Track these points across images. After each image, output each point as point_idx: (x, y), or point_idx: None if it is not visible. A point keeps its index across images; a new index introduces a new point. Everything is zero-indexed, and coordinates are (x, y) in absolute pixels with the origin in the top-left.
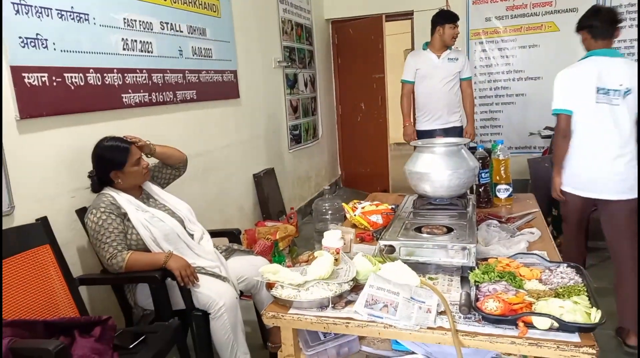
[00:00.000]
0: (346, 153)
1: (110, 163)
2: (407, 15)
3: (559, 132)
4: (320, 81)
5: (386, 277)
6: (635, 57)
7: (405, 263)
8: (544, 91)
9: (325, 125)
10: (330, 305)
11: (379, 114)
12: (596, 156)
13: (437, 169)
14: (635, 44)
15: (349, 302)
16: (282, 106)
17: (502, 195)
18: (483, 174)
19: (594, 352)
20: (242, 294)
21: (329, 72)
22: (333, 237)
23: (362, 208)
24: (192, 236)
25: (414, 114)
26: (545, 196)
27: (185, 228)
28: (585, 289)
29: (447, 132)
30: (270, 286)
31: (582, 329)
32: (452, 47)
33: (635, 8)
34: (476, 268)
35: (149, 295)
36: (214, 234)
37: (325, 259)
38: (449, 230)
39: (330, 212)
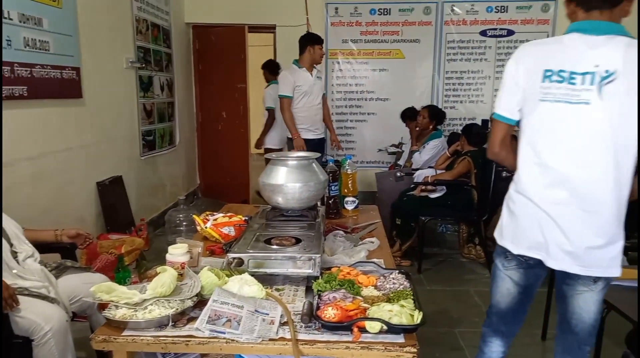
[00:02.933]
0: (206, 161)
1: None
2: (270, 28)
3: None
4: (179, 85)
5: (232, 291)
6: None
7: (253, 275)
8: (392, 111)
9: (184, 132)
10: (171, 324)
11: (241, 124)
12: None
13: (289, 182)
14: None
15: (192, 319)
16: (134, 110)
17: (350, 207)
18: (333, 187)
19: (415, 350)
20: (75, 316)
21: (189, 78)
22: (178, 251)
23: (215, 219)
24: (16, 255)
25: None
26: (390, 206)
27: (12, 246)
28: (412, 293)
29: (319, 142)
30: (103, 307)
31: (406, 330)
32: (315, 66)
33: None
34: (320, 277)
35: None
36: (43, 249)
37: (167, 275)
38: (298, 241)
39: (185, 223)
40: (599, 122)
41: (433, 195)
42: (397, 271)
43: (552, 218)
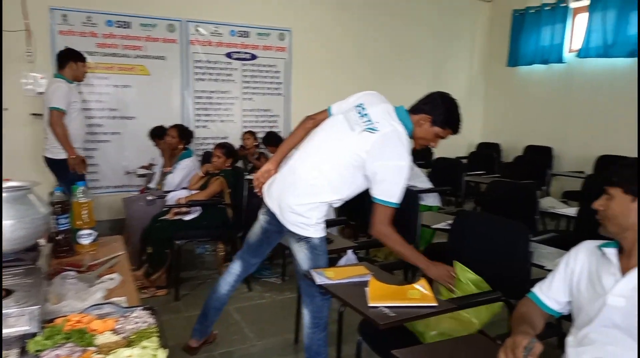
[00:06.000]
0: None
1: None
2: None
3: None
4: None
5: None
6: None
7: None
8: (139, 131)
9: None
10: None
11: None
12: None
13: None
14: None
15: None
16: None
17: (85, 241)
18: (61, 220)
19: None
20: None
21: None
22: None
23: None
24: None
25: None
26: (141, 234)
27: None
28: (157, 330)
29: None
30: None
31: None
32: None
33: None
34: (40, 333)
35: None
36: None
37: None
38: (9, 292)
39: None
40: None
41: (188, 217)
42: (141, 307)
43: (280, 181)
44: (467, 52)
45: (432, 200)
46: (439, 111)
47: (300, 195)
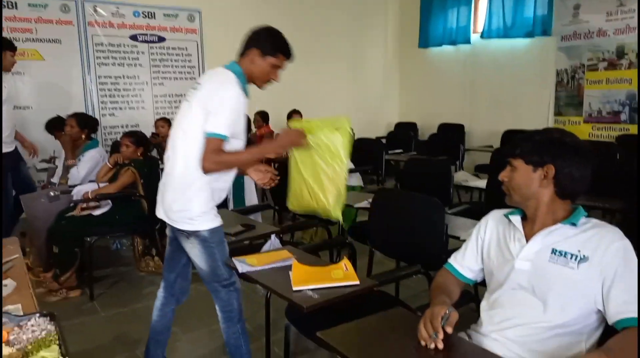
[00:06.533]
0: None
1: None
2: None
3: None
4: None
5: None
6: None
7: None
8: (36, 121)
9: None
10: None
11: None
12: None
13: None
14: None
15: None
16: None
17: None
18: None
19: None
20: None
21: None
22: None
23: None
24: None
25: None
26: (46, 233)
27: None
28: (57, 337)
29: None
30: None
31: None
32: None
33: None
34: None
35: None
36: None
37: None
38: None
39: None
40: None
41: (97, 212)
42: (38, 314)
43: (160, 186)
44: (382, 34)
45: (354, 180)
46: (263, 39)
47: (175, 189)
